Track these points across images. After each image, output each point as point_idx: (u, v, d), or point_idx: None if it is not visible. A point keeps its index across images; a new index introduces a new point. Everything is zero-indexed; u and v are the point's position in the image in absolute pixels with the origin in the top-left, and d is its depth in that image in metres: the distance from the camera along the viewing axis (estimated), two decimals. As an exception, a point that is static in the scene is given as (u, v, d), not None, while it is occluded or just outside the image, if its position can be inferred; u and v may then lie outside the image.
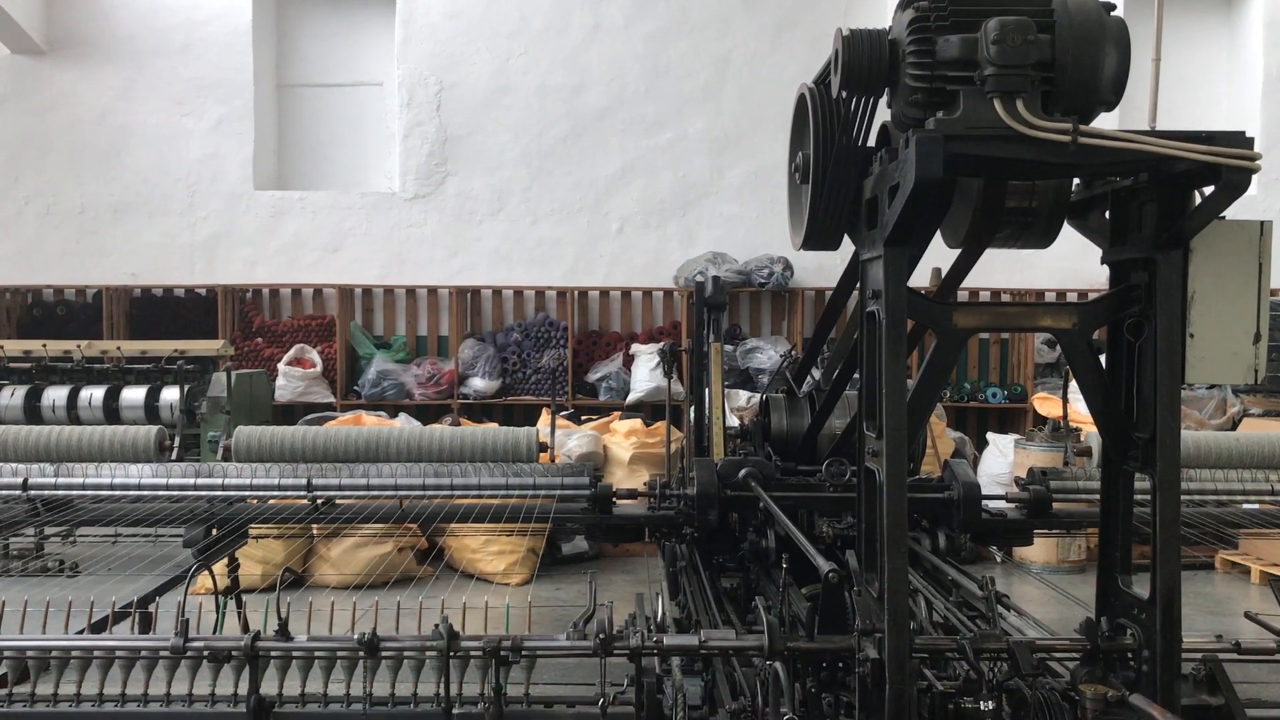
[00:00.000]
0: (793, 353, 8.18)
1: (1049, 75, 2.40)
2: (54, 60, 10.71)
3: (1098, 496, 3.14)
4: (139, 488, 4.52)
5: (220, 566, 5.01)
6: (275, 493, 4.58)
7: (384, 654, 3.08)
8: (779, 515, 3.70)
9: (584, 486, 4.51)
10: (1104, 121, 2.50)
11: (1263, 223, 2.69)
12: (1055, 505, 4.45)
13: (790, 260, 10.13)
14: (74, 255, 10.73)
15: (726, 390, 9.35)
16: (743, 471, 4.23)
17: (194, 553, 4.43)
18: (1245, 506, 4.56)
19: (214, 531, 4.51)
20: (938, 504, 4.29)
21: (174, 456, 5.35)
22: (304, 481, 4.50)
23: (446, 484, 4.55)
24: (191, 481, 4.53)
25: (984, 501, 4.32)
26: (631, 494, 4.61)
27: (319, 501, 4.50)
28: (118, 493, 4.51)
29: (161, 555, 5.47)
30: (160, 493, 4.51)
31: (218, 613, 4.38)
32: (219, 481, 4.54)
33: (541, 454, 4.73)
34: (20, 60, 10.68)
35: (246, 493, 4.57)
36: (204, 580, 6.07)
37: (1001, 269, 10.06)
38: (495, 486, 4.51)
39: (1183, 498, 3.72)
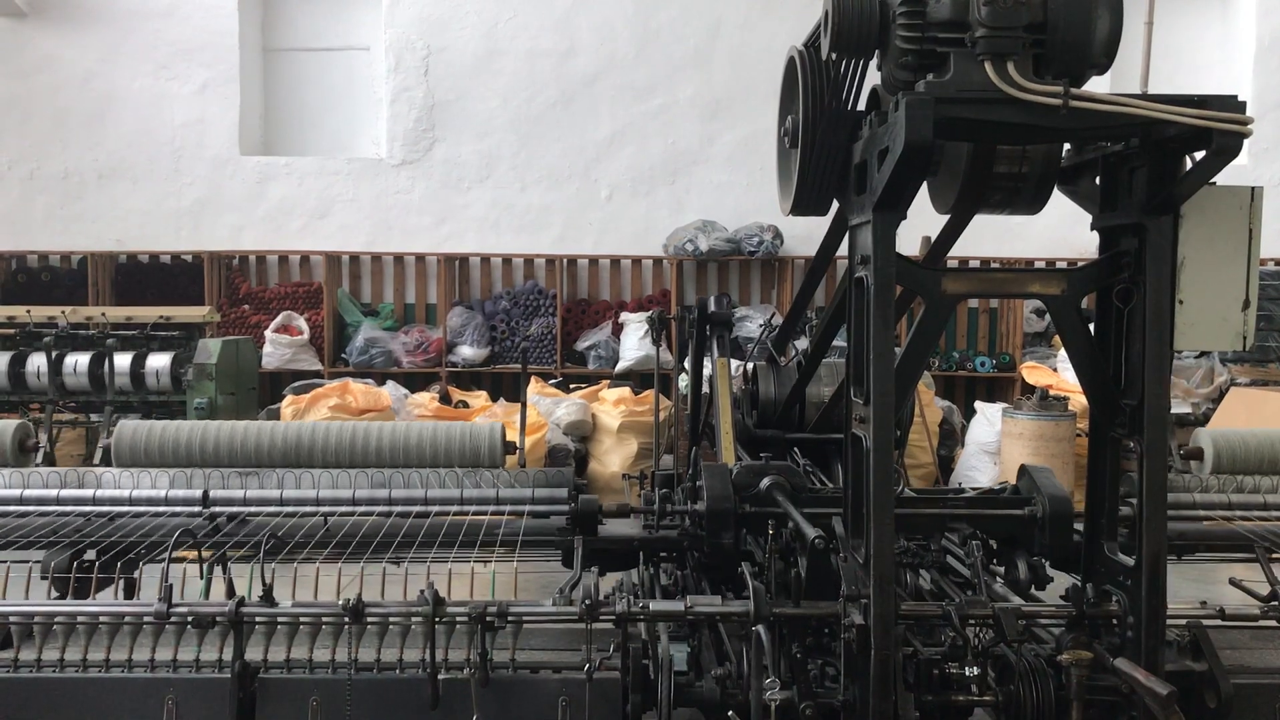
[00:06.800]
0: (772, 320, 8.16)
1: (1040, 38, 2.37)
2: (36, 23, 10.56)
3: (1224, 513, 2.77)
4: None
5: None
6: (162, 507, 3.77)
7: (369, 620, 3.07)
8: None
9: (562, 500, 3.79)
10: (1095, 87, 2.47)
11: (1253, 189, 2.68)
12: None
13: (780, 228, 10.08)
14: (58, 220, 10.64)
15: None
16: (765, 481, 3.48)
17: (53, 585, 3.50)
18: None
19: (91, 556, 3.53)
20: (1015, 523, 3.48)
21: (39, 460, 4.61)
22: (199, 494, 3.74)
23: (384, 497, 3.81)
24: (54, 494, 3.76)
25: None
26: (624, 511, 3.87)
27: (217, 519, 3.70)
28: None
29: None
30: (13, 507, 3.72)
31: (202, 578, 4.35)
32: (89, 494, 3.76)
33: (509, 455, 3.97)
34: (2, 23, 10.53)
35: (124, 508, 3.74)
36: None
37: (990, 238, 10.03)
38: (446, 501, 3.78)
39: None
